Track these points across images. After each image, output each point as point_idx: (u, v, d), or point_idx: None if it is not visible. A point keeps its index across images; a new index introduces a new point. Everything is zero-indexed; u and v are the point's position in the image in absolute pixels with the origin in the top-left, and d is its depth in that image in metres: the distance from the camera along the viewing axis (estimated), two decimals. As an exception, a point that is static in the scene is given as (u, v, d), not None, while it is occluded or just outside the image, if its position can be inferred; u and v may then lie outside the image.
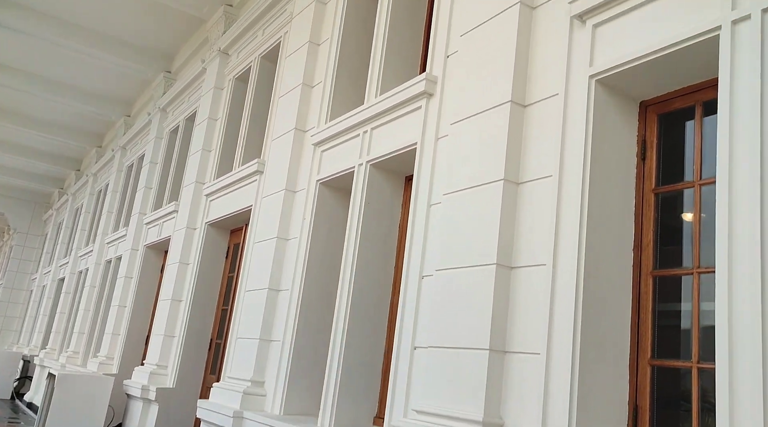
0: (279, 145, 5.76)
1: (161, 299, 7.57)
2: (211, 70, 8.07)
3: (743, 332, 2.11)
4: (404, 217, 4.61)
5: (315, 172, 5.20)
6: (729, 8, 2.42)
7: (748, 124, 2.27)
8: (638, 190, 2.99)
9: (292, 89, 5.78)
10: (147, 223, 9.07)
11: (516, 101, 3.29)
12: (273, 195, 5.59)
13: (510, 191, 3.19)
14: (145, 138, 10.88)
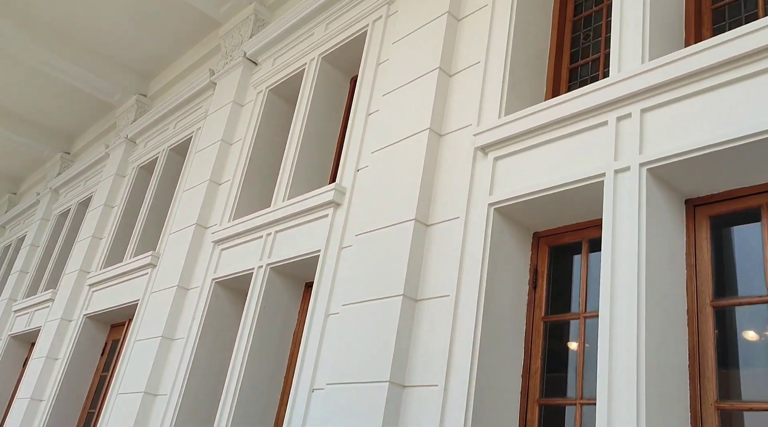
0: (177, 240, 5.57)
1: (18, 397, 6.79)
2: (114, 156, 7.85)
3: (622, 466, 2.17)
4: (300, 325, 4.51)
5: (212, 271, 5.03)
6: (612, 159, 2.69)
7: (627, 263, 2.46)
8: (529, 317, 3.10)
9: (199, 184, 5.70)
10: (16, 310, 8.30)
11: (419, 220, 3.40)
12: (163, 291, 5.33)
13: (408, 307, 3.22)
14: (29, 219, 10.21)
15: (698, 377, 2.39)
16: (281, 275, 4.53)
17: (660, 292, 2.43)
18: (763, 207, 2.46)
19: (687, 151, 2.44)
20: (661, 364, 2.32)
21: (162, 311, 5.18)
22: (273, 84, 5.56)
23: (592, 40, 3.61)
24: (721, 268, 2.55)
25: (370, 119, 4.31)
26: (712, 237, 2.59)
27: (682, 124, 2.52)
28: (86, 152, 9.36)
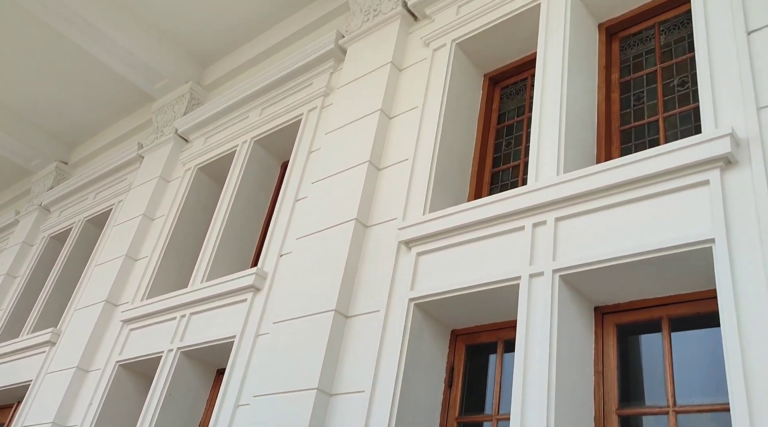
0: (82, 317, 5.25)
1: None
2: (24, 224, 7.45)
3: None
4: (207, 415, 4.27)
5: (117, 352, 4.74)
6: (528, 263, 2.79)
7: (539, 368, 2.50)
8: (443, 416, 3.07)
9: (113, 259, 5.46)
10: None
11: (339, 311, 3.37)
12: (61, 372, 4.95)
13: (321, 402, 3.12)
14: None
15: (604, 486, 2.41)
16: (192, 359, 4.32)
17: (569, 398, 2.47)
18: (664, 319, 2.59)
19: (597, 261, 2.57)
20: (570, 472, 2.33)
21: (56, 394, 4.80)
22: (203, 162, 5.53)
23: (514, 148, 3.83)
24: (627, 376, 2.64)
25: (297, 205, 4.33)
26: (619, 345, 2.69)
27: (593, 235, 2.66)
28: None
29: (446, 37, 4.06)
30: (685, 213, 2.42)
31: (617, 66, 3.55)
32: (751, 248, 2.18)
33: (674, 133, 3.12)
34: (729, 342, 2.07)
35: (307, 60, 4.87)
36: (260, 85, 5.20)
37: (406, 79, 4.17)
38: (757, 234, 2.18)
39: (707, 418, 2.35)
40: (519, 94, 4.02)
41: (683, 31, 3.38)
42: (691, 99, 3.14)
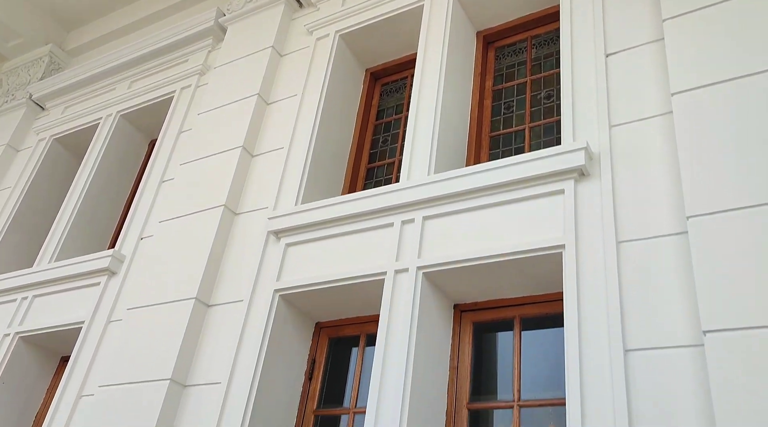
0: None
1: None
2: None
3: None
4: (46, 405, 3.94)
5: (-57, 335, 4.25)
6: (394, 259, 2.84)
7: (397, 362, 2.55)
8: (301, 409, 3.05)
9: (-55, 233, 4.89)
10: None
11: (200, 299, 3.24)
12: None
13: (174, 394, 2.99)
14: None
15: (450, 478, 2.50)
16: (32, 346, 3.98)
17: (424, 393, 2.54)
18: (516, 318, 2.74)
19: (458, 261, 2.66)
20: (419, 464, 2.39)
21: None
22: (60, 133, 5.09)
23: (390, 145, 3.87)
24: (480, 371, 2.76)
25: (163, 187, 4.10)
26: (474, 342, 2.81)
27: (457, 235, 2.75)
28: None
29: (330, 27, 4.02)
30: (541, 219, 2.57)
31: (491, 74, 3.70)
32: (595, 254, 2.35)
33: (538, 143, 3.30)
34: (569, 341, 2.22)
35: (184, 35, 4.64)
36: (131, 56, 4.88)
37: (286, 65, 4.09)
38: (601, 242, 2.36)
39: (548, 412, 2.51)
40: (399, 92, 4.07)
41: (553, 47, 3.59)
42: (555, 112, 3.34)
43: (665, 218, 2.31)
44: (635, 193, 2.42)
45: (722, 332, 1.92)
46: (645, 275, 2.24)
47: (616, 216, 2.39)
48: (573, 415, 2.08)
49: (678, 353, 2.04)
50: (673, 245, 2.24)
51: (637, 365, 2.08)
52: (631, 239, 2.32)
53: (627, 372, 2.08)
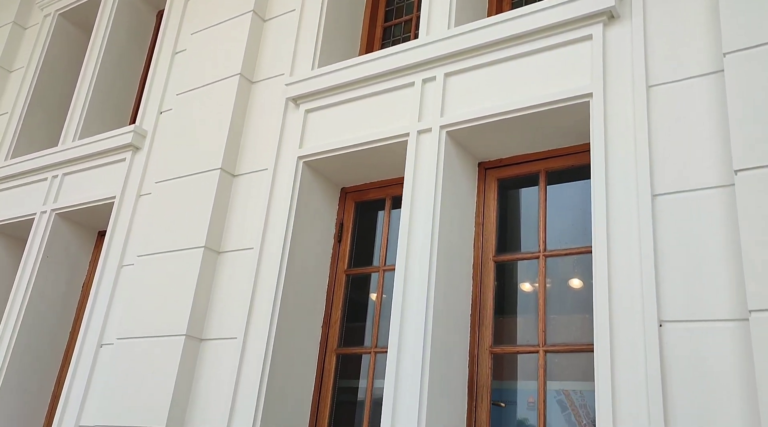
0: (-62, 178, 4.78)
1: None
2: None
3: (404, 410, 2.31)
4: (90, 276, 4.15)
5: (-17, 215, 4.42)
6: (416, 119, 2.79)
7: (423, 220, 2.59)
8: (332, 270, 3.16)
9: (-32, 115, 4.92)
10: None
11: (226, 169, 3.27)
12: None
13: (210, 260, 3.10)
14: None
15: (478, 325, 2.62)
16: (69, 221, 4.11)
17: (450, 249, 2.60)
18: (541, 173, 2.72)
19: (481, 117, 2.60)
20: (447, 314, 2.50)
21: None
22: (63, 8, 4.92)
23: (406, 1, 3.68)
24: (505, 226, 2.80)
25: (176, 58, 4.01)
26: (499, 198, 2.82)
27: (480, 91, 2.67)
28: None
29: None
30: (567, 68, 2.47)
31: None
32: (624, 100, 2.28)
33: (565, -10, 3.08)
34: (596, 189, 2.21)
35: None
36: None
37: None
38: (630, 88, 2.27)
39: (573, 261, 2.57)
40: (414, -57, 3.79)
41: None
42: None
43: (699, 57, 2.19)
44: (667, 34, 2.29)
45: (754, 170, 1.88)
46: (675, 120, 2.17)
47: (647, 59, 2.28)
48: (599, 262, 2.11)
49: (708, 195, 2.02)
50: (707, 86, 2.15)
51: (665, 209, 2.07)
52: (662, 83, 2.23)
53: (654, 216, 2.08)
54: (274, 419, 2.70)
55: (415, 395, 2.31)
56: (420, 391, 2.30)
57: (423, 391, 2.30)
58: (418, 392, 2.31)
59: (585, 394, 2.39)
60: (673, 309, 1.97)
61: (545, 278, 2.56)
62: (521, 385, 2.53)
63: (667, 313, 1.97)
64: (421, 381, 2.32)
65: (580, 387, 2.40)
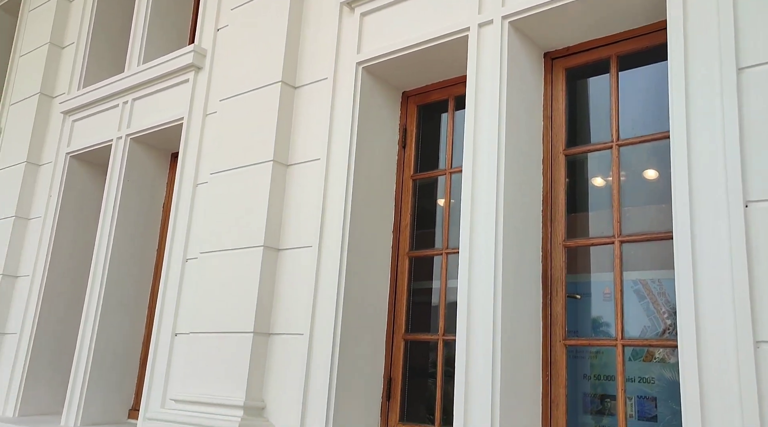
0: (20, 111, 5.02)
1: None
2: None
3: (479, 307, 2.35)
4: (169, 196, 4.34)
5: (65, 144, 4.63)
6: (476, 13, 2.65)
7: (489, 117, 2.52)
8: (399, 176, 3.16)
9: (38, 48, 5.07)
10: None
11: (286, 82, 3.26)
12: (11, 168, 4.87)
13: (279, 173, 3.16)
14: None
15: (549, 220, 2.58)
16: (144, 145, 4.26)
17: (518, 144, 2.53)
18: (612, 58, 2.57)
19: (546, 2, 2.45)
20: (517, 211, 2.47)
21: (12, 189, 4.77)
22: (114, -71, 4.88)
23: None
24: (574, 118, 2.69)
25: (228, -28, 3.94)
26: (567, 89, 2.69)
27: (544, -25, 2.50)
28: None
29: None
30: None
31: None
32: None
33: None
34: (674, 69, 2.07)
35: None
36: None
37: None
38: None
39: (648, 150, 2.45)
40: None
41: None
42: None
43: None
44: None
45: None
46: (766, -14, 1.97)
47: None
48: (678, 145, 2.01)
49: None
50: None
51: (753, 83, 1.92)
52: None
53: (740, 92, 1.93)
54: (354, 320, 2.81)
55: (488, 292, 2.33)
56: (494, 287, 2.33)
57: (497, 287, 2.32)
58: (492, 288, 2.33)
59: (663, 282, 2.35)
60: (760, 188, 1.86)
61: (619, 168, 2.47)
62: (596, 277, 2.51)
63: (753, 192, 1.87)
64: (494, 278, 2.33)
65: (658, 276, 2.36)
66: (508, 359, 2.29)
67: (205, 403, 2.91)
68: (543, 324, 2.49)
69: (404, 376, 2.92)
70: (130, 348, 4.04)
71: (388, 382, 2.92)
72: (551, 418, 2.41)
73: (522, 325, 2.40)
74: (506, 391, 2.25)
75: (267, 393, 2.90)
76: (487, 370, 2.26)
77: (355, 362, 2.79)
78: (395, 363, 2.94)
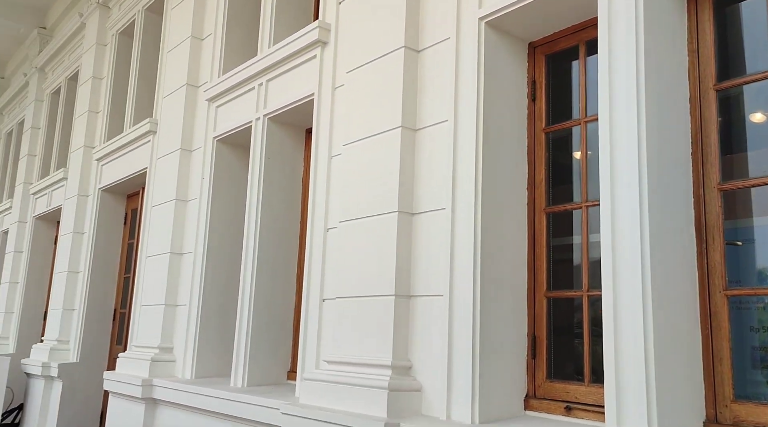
0: (171, 103, 5.47)
1: (57, 271, 7.15)
2: (91, 25, 7.49)
3: (625, 259, 2.23)
4: (306, 170, 4.54)
5: (211, 130, 4.99)
6: (606, -55, 2.47)
7: (625, 58, 2.35)
8: (530, 130, 3.06)
9: (181, 43, 5.47)
10: (34, 193, 8.47)
11: (409, 47, 3.25)
12: (168, 156, 5.34)
13: (408, 138, 3.18)
14: (23, 102, 10.05)
15: (701, 162, 2.38)
16: (280, 124, 4.47)
17: (659, 83, 2.34)
18: (770, -24, 2.28)
19: (686, -76, 2.22)
20: (662, 155, 2.30)
21: (170, 175, 5.23)
22: None
23: None
24: (725, 50, 2.43)
25: (345, -56, 3.98)
26: (716, 17, 2.44)
27: None
28: (62, 24, 8.94)
29: None
30: None
31: None
32: None
33: None
34: None
35: None
36: None
37: None
38: None
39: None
40: None
41: None
42: None
43: None
44: None
45: None
46: None
47: None
48: None
49: None
50: None
51: None
52: None
53: None
54: (493, 280, 2.80)
55: (635, 245, 2.21)
56: (640, 239, 2.19)
57: (643, 239, 2.19)
58: (639, 240, 2.20)
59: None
60: None
61: (782, 99, 2.21)
62: (760, 221, 2.28)
63: None
64: (641, 229, 2.20)
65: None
66: (660, 314, 2.16)
67: (356, 363, 3.05)
68: (699, 275, 2.32)
69: (548, 334, 2.87)
70: (284, 315, 4.33)
71: (533, 340, 2.88)
72: (714, 374, 2.25)
73: (674, 277, 2.25)
74: (660, 346, 2.14)
75: (413, 353, 2.98)
76: (637, 325, 2.15)
77: (497, 320, 2.79)
78: (538, 321, 2.89)
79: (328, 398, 3.05)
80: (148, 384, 4.65)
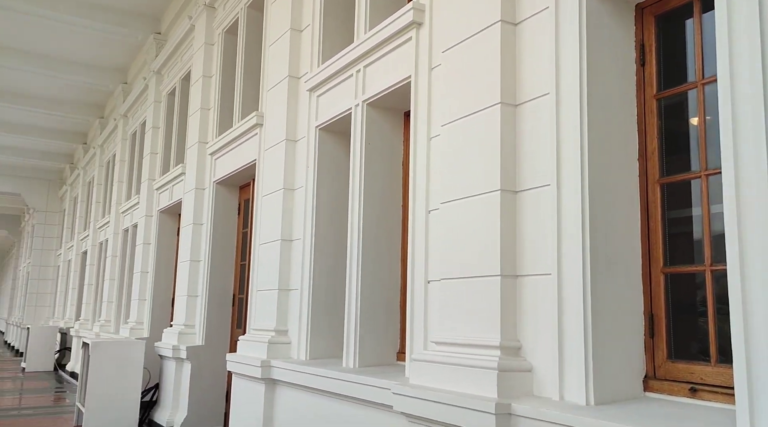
0: (275, 95, 5.66)
1: (180, 260, 7.66)
2: (199, 27, 7.90)
3: (752, 230, 2.06)
4: (406, 153, 4.55)
5: (313, 119, 5.12)
6: None
7: (748, 10, 2.15)
8: (639, 97, 2.89)
9: (281, 36, 5.64)
10: (157, 188, 9.10)
11: (506, 20, 3.16)
12: (274, 147, 5.54)
13: (508, 115, 3.10)
14: (144, 104, 10.79)
15: (838, 122, 2.14)
16: (378, 109, 4.51)
17: (787, 36, 2.12)
18: None
19: None
20: (793, 116, 2.09)
21: (278, 165, 5.43)
22: None
23: None
24: None
25: None
26: None
27: None
28: (174, 28, 9.50)
29: None
30: None
31: None
32: None
33: None
34: None
35: None
36: None
37: None
38: None
39: None
40: None
41: None
42: None
43: None
44: None
45: None
46: None
47: None
48: None
49: None
50: None
51: None
52: None
53: None
54: (603, 256, 2.68)
55: (763, 213, 2.03)
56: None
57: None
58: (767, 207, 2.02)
59: None
60: None
61: None
62: None
63: None
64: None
65: None
66: (794, 289, 1.98)
67: (464, 344, 3.04)
68: (840, 246, 2.09)
69: (667, 311, 2.72)
70: (391, 297, 4.39)
71: (650, 318, 2.73)
72: None
73: (811, 248, 2.05)
74: (795, 324, 1.96)
75: (521, 334, 2.92)
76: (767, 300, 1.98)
77: (609, 299, 2.67)
78: (655, 299, 2.74)
79: (438, 378, 3.06)
80: (266, 365, 4.89)
